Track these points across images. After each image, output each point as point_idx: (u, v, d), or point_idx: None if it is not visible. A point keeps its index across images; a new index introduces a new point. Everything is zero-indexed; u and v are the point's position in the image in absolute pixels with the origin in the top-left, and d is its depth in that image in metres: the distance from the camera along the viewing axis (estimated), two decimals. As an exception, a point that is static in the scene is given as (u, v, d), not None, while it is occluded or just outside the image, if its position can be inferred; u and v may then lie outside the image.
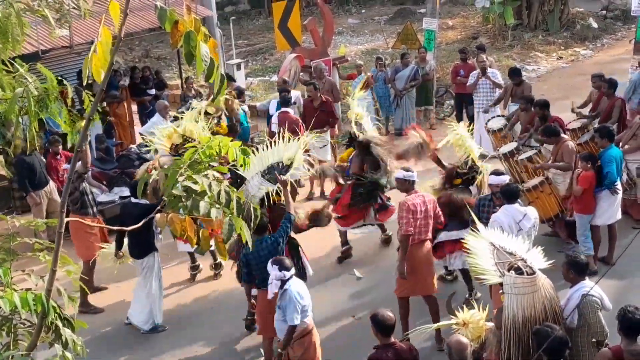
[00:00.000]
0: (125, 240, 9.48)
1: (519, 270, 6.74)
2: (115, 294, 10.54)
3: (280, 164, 8.61)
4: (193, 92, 15.43)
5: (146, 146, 12.98)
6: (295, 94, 14.05)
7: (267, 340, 8.36)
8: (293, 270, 7.51)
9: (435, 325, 7.40)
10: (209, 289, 10.72)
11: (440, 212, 9.00)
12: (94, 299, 10.30)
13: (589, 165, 9.97)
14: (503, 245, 7.13)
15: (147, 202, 8.87)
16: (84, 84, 4.16)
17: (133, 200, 9.43)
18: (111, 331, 9.80)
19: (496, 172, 9.15)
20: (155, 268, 9.49)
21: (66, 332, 3.56)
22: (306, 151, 9.04)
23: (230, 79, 14.35)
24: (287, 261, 7.52)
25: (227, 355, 9.15)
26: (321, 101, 13.38)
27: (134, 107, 16.33)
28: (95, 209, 10.26)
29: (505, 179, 9.05)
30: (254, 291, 8.42)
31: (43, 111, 3.81)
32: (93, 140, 13.68)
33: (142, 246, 9.32)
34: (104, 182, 12.57)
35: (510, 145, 11.82)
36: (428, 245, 8.77)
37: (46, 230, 9.99)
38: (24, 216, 11.92)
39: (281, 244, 8.12)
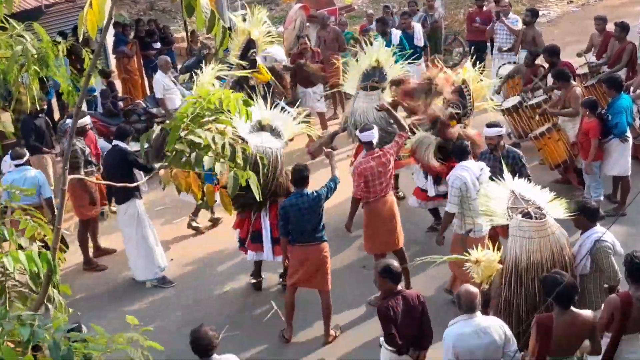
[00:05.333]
0: None
1: (528, 215, 6.75)
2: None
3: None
4: (199, 44, 15.32)
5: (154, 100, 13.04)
6: (275, 50, 13.56)
7: (292, 291, 8.35)
8: None
9: (446, 258, 7.37)
10: (212, 242, 10.75)
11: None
12: (106, 260, 10.42)
13: (587, 112, 9.88)
14: (524, 194, 7.11)
15: (126, 145, 9.15)
16: (80, 40, 4.10)
17: (114, 142, 9.50)
18: (115, 288, 9.87)
19: (490, 124, 8.84)
20: (139, 215, 9.47)
21: (55, 294, 3.57)
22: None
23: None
24: None
25: (237, 308, 9.22)
26: (312, 53, 13.26)
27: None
28: (91, 167, 10.19)
29: (500, 130, 8.73)
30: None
31: (43, 69, 3.76)
32: (98, 95, 13.66)
33: (122, 191, 9.21)
34: (110, 137, 12.54)
35: (513, 100, 11.74)
36: (389, 200, 8.72)
37: None
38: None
39: (323, 200, 8.04)
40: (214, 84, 9.74)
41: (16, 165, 9.54)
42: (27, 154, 9.77)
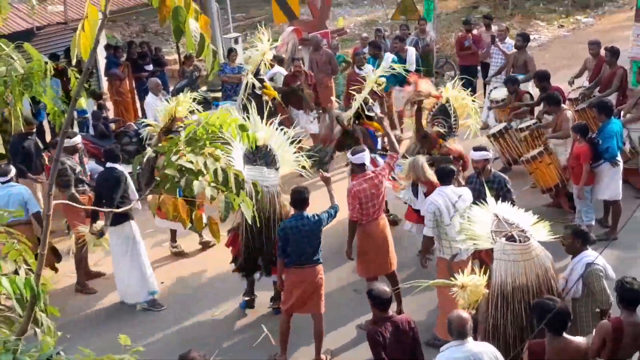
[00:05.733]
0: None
1: (512, 239, 6.77)
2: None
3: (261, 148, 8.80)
4: (192, 67, 15.32)
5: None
6: (275, 70, 13.87)
7: (287, 317, 8.29)
8: None
9: (431, 282, 7.37)
10: (202, 266, 10.69)
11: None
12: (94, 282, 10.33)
13: (578, 137, 9.90)
14: (507, 217, 7.13)
15: (118, 167, 9.18)
16: (73, 62, 4.07)
17: (107, 165, 9.45)
18: (105, 311, 9.78)
19: (477, 148, 8.80)
20: (133, 236, 9.42)
21: (43, 317, 3.52)
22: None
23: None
24: None
25: (228, 332, 9.14)
26: (305, 76, 13.32)
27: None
28: (83, 186, 10.11)
29: (487, 154, 8.71)
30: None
31: (27, 90, 3.72)
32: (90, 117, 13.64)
33: (117, 214, 9.08)
34: (101, 158, 12.47)
35: (499, 126, 11.81)
36: (382, 222, 8.73)
37: None
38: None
39: (324, 224, 8.03)
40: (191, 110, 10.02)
41: (2, 183, 9.50)
42: (13, 171, 9.73)
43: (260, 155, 8.81)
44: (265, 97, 12.16)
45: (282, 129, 9.17)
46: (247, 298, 9.45)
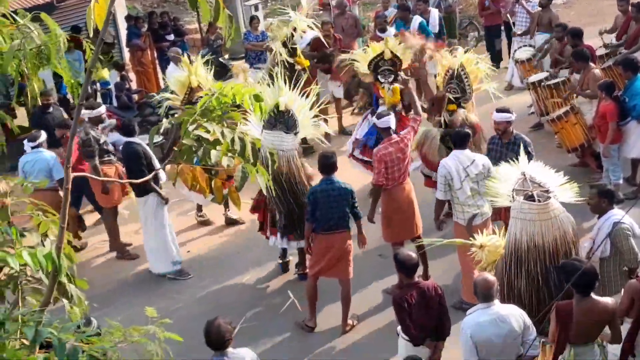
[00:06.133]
0: None
1: (531, 198, 6.69)
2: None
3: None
4: (215, 34, 15.22)
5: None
6: (311, 35, 13.61)
7: (313, 280, 8.30)
8: None
9: (447, 241, 7.37)
10: (228, 234, 10.66)
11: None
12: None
13: (603, 95, 9.74)
14: (534, 177, 7.04)
15: (136, 139, 9.23)
16: (90, 34, 4.04)
17: (126, 140, 9.48)
18: (133, 281, 9.86)
19: (500, 109, 8.72)
20: (155, 208, 9.40)
21: (71, 288, 3.53)
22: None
23: None
24: None
25: (254, 299, 9.19)
26: (334, 40, 13.14)
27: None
28: (109, 156, 10.06)
29: (509, 116, 8.58)
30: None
31: (43, 63, 3.70)
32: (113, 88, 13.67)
33: (139, 185, 9.10)
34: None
35: (541, 75, 11.61)
36: (407, 187, 8.67)
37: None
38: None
39: (352, 196, 8.03)
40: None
41: (31, 148, 9.79)
42: (42, 137, 9.91)
43: (282, 120, 8.76)
44: (297, 66, 11.94)
45: (305, 93, 9.13)
46: (280, 261, 9.53)
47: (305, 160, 9.38)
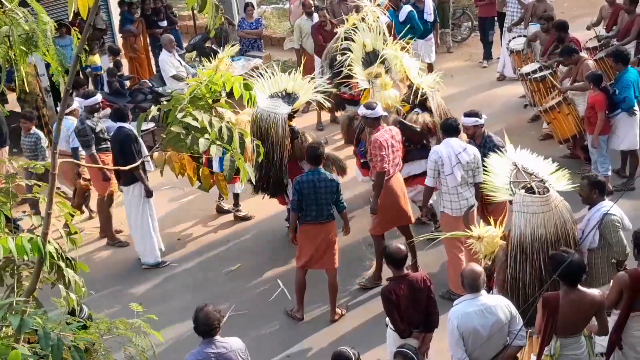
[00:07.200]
0: None
1: (531, 190, 6.71)
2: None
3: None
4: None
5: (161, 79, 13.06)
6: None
7: (302, 272, 8.32)
8: None
9: (449, 234, 7.36)
10: (216, 223, 10.64)
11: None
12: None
13: (592, 86, 9.76)
14: (526, 166, 7.07)
15: (127, 125, 9.30)
16: (69, 18, 3.99)
17: (117, 125, 9.46)
18: (122, 270, 9.84)
19: (468, 114, 8.57)
20: (142, 198, 9.40)
21: (69, 273, 3.53)
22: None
23: None
24: None
25: (241, 288, 9.20)
26: (332, 26, 13.06)
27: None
28: (106, 144, 10.04)
29: (477, 120, 8.42)
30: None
31: (32, 49, 3.68)
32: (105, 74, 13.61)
33: (127, 173, 9.15)
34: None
35: (532, 66, 11.58)
36: (399, 176, 8.73)
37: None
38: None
39: (338, 188, 8.05)
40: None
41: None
42: (75, 104, 10.41)
43: (286, 99, 9.17)
44: None
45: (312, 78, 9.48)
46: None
47: (310, 136, 9.52)
